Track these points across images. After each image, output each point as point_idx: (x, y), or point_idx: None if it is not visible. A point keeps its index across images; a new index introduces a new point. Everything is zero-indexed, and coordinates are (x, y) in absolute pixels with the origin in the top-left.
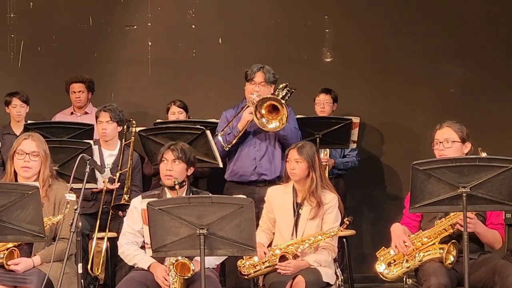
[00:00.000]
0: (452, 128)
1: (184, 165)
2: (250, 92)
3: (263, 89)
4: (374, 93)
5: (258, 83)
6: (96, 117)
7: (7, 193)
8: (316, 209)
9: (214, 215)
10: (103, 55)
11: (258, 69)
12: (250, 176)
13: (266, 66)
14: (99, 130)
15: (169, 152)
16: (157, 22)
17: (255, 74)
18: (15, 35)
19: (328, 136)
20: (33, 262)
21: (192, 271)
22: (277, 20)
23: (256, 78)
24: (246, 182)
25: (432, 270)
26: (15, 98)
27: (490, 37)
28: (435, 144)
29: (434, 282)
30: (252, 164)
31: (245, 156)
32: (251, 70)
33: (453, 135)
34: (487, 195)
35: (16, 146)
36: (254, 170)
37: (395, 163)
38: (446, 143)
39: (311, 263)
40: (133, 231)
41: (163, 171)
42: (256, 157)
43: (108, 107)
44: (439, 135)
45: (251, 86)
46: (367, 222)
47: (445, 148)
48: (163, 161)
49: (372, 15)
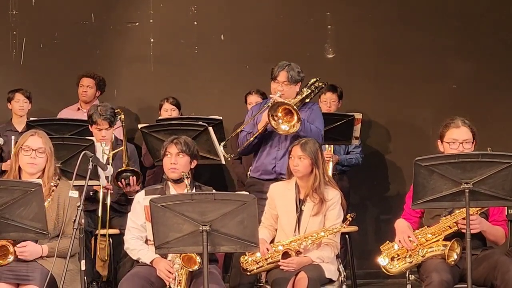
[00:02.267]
0: (467, 127)
1: (188, 158)
2: (273, 92)
3: (286, 88)
4: (377, 89)
5: (282, 82)
6: (94, 121)
7: (10, 190)
8: (318, 205)
9: (217, 212)
10: (105, 52)
11: (283, 68)
12: (269, 175)
13: (291, 64)
14: (97, 135)
15: (173, 145)
16: (159, 18)
17: (279, 73)
18: (17, 32)
19: (331, 132)
20: (42, 250)
21: (198, 264)
22: (279, 17)
23: (279, 77)
24: (266, 180)
25: (433, 267)
26: (18, 93)
27: (493, 33)
28: (451, 143)
29: (436, 278)
30: (271, 163)
31: (266, 154)
32: (276, 68)
33: (470, 135)
34: (489, 191)
35: (22, 142)
36: (273, 169)
37: (399, 159)
38: (465, 144)
39: (314, 260)
40: (138, 226)
41: (167, 165)
42: (277, 157)
43: (106, 116)
44: (457, 135)
45: (275, 85)
46: (370, 219)
47: (465, 149)
48: (167, 155)
49: (374, 11)
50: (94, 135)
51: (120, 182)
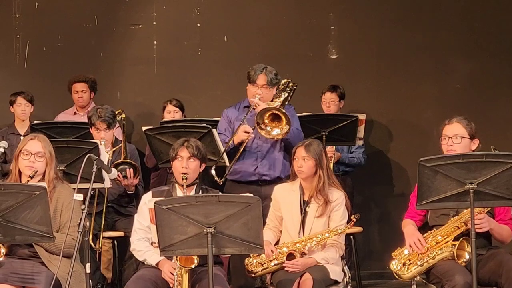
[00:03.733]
0: (462, 123)
1: (198, 162)
2: (252, 95)
3: (265, 91)
4: (380, 89)
5: (261, 86)
6: (92, 122)
7: (15, 194)
8: (323, 206)
9: (222, 214)
10: (108, 55)
11: (261, 71)
12: (250, 177)
13: (268, 67)
14: (96, 136)
15: (184, 149)
16: (162, 20)
17: (257, 76)
18: (21, 35)
19: (334, 133)
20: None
21: (195, 262)
22: (282, 18)
23: (258, 81)
24: (246, 182)
25: (454, 269)
26: (20, 97)
27: (496, 32)
28: (443, 139)
29: (460, 280)
30: (253, 164)
31: (246, 156)
32: (253, 71)
33: (462, 130)
34: (494, 191)
35: (21, 146)
36: (255, 171)
37: (402, 160)
38: (455, 138)
39: (319, 261)
40: (144, 227)
41: (178, 168)
42: (258, 158)
43: (104, 118)
44: (448, 130)
45: (253, 88)
46: (374, 219)
47: (454, 143)
48: (178, 158)
49: (377, 11)
50: (94, 137)
51: (118, 176)
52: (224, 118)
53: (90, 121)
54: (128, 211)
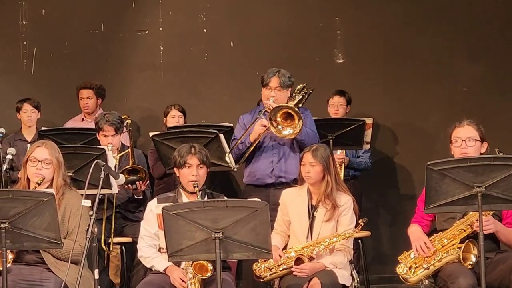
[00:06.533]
0: (473, 126)
1: (206, 168)
2: (266, 98)
3: (279, 94)
4: (387, 93)
5: (274, 88)
6: (100, 127)
7: (23, 200)
8: (331, 211)
9: (229, 219)
10: (115, 61)
11: (274, 74)
12: (267, 179)
13: (281, 70)
14: (104, 142)
15: (194, 157)
16: (169, 26)
17: (270, 79)
18: (28, 42)
19: (341, 137)
20: None
21: (210, 271)
22: (288, 23)
23: (271, 83)
24: (264, 185)
25: (458, 271)
26: (26, 103)
27: (503, 35)
28: (454, 141)
29: (463, 283)
30: (269, 166)
31: (262, 158)
32: (266, 74)
33: (474, 133)
34: (502, 195)
35: (29, 153)
36: (272, 173)
37: (409, 163)
38: (468, 141)
39: (327, 265)
40: (151, 234)
41: (188, 176)
42: (273, 160)
43: (112, 122)
44: (461, 133)
45: (267, 91)
46: (383, 223)
47: (467, 146)
48: (187, 166)
49: (383, 15)
50: (101, 142)
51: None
52: (240, 124)
53: (98, 126)
54: (136, 216)
